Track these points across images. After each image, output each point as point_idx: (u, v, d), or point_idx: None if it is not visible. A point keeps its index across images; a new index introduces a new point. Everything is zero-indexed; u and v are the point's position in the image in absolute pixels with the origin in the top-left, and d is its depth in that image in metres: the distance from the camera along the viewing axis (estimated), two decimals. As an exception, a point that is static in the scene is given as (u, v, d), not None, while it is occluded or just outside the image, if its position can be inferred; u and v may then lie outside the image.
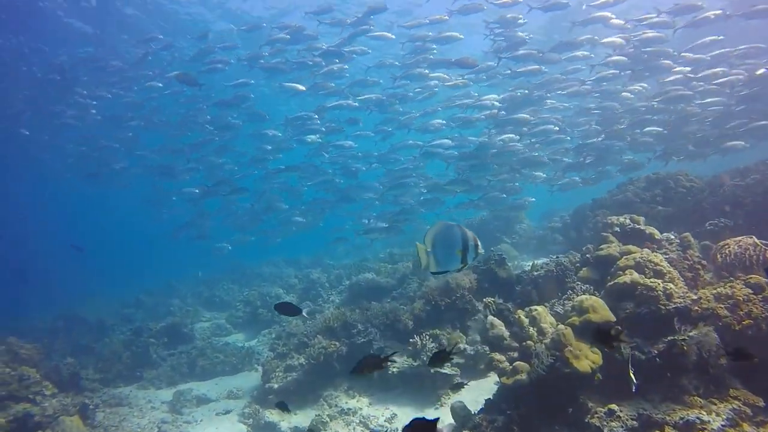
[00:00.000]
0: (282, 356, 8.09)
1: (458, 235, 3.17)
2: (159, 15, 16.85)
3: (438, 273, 3.77)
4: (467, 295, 7.16)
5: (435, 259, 3.20)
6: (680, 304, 4.22)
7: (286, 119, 13.31)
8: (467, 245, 3.15)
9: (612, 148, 11.45)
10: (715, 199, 8.05)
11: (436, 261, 3.20)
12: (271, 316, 12.59)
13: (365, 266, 15.84)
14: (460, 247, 3.15)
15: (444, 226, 3.27)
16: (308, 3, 13.49)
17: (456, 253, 3.15)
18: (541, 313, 4.65)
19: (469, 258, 3.17)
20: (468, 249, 3.14)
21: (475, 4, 11.04)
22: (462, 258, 3.15)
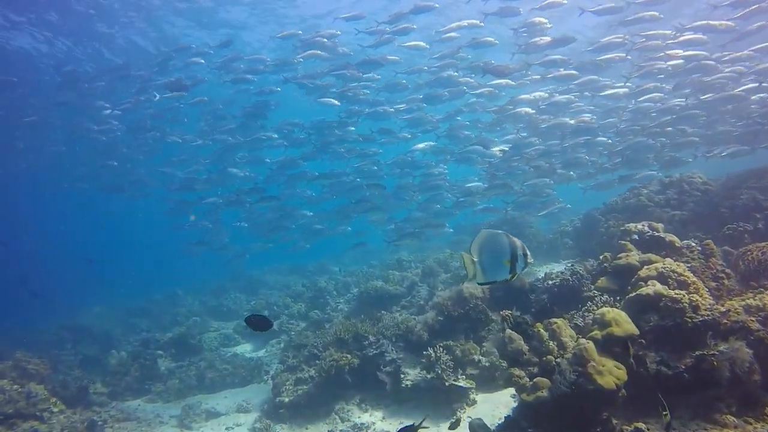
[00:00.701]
0: (292, 369, 7.96)
1: (506, 243, 3.05)
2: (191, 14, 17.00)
3: (485, 284, 3.66)
4: (480, 305, 7.03)
5: (482, 269, 3.07)
6: (708, 316, 4.07)
7: (313, 124, 13.10)
8: (516, 254, 3.02)
9: (649, 146, 11.04)
10: (733, 202, 7.88)
11: (483, 271, 3.08)
12: (279, 326, 12.50)
13: (373, 273, 15.76)
14: (509, 257, 3.02)
15: (490, 234, 3.14)
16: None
17: (504, 263, 3.03)
18: (561, 326, 4.50)
19: (518, 268, 3.04)
20: (517, 258, 3.02)
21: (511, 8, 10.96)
22: (511, 268, 3.03)
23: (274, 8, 17.62)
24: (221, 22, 17.96)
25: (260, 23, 18.49)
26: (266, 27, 18.62)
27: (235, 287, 19.11)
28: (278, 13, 17.97)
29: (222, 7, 16.94)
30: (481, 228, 3.34)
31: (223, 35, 14.76)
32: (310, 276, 19.72)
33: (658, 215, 8.44)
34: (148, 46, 18.08)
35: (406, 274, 12.33)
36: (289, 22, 18.33)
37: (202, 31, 18.19)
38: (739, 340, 3.96)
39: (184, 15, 16.98)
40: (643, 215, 8.72)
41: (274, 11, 17.85)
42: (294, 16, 18.14)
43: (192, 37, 18.36)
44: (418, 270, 12.74)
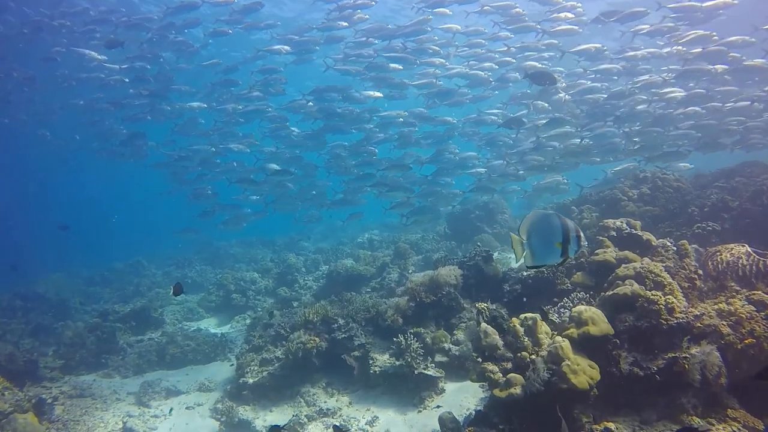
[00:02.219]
0: (258, 349, 7.75)
1: (557, 225, 2.86)
2: None
3: (534, 267, 3.50)
4: (453, 293, 6.95)
5: (531, 251, 2.91)
6: (682, 319, 4.07)
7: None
8: (568, 236, 2.84)
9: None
10: (703, 201, 8.00)
11: (533, 254, 2.91)
12: (246, 302, 12.23)
13: (343, 251, 15.58)
14: (560, 239, 2.84)
15: (541, 215, 2.96)
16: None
17: (555, 246, 2.85)
18: (537, 322, 4.43)
19: (571, 251, 2.87)
20: (569, 240, 2.84)
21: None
22: (562, 251, 2.85)
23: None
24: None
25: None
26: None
27: (200, 259, 18.62)
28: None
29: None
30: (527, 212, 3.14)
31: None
32: (279, 251, 19.40)
33: (631, 210, 8.51)
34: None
35: (377, 254, 12.20)
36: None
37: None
38: (711, 344, 3.98)
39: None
40: (617, 209, 8.80)
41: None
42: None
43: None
44: (390, 251, 12.63)
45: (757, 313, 4.13)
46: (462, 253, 12.59)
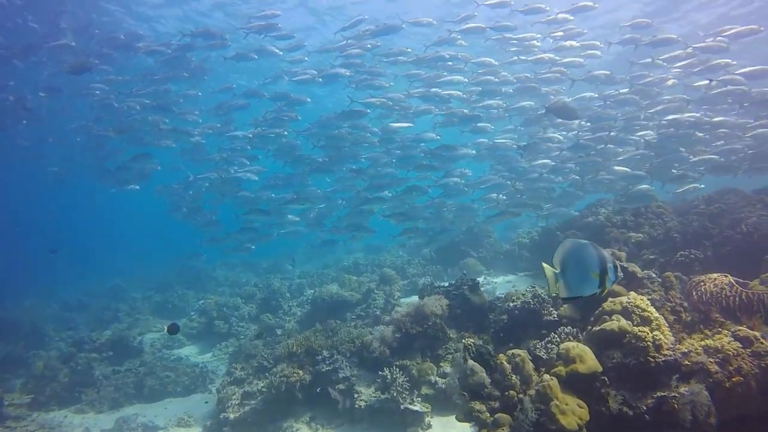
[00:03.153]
0: (239, 381, 7.53)
1: (594, 255, 2.77)
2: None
3: (569, 299, 3.37)
4: (439, 323, 6.85)
5: (566, 282, 2.81)
6: (670, 357, 4.03)
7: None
8: (605, 267, 2.74)
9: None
10: (685, 228, 8.10)
11: (568, 285, 2.81)
12: (229, 329, 11.96)
13: (328, 275, 15.41)
14: (598, 270, 2.74)
15: (577, 244, 2.87)
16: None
17: (592, 276, 2.75)
18: (524, 359, 4.36)
19: (609, 282, 2.77)
20: (607, 271, 2.74)
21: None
22: (600, 282, 2.74)
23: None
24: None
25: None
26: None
27: (181, 282, 18.24)
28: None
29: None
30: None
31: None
32: (263, 274, 19.14)
33: (615, 236, 8.58)
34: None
35: (362, 280, 12.08)
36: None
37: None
38: (699, 383, 3.94)
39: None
40: (601, 235, 8.87)
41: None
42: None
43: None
44: (375, 276, 12.51)
45: (744, 350, 4.11)
46: (448, 277, 12.58)
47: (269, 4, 16.72)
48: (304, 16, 18.66)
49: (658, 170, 10.08)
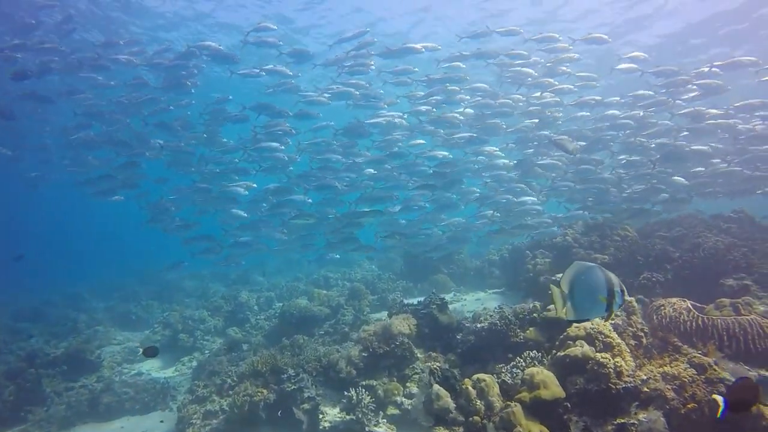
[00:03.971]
0: (201, 400, 7.29)
1: (602, 278, 2.80)
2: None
3: (576, 322, 3.33)
4: (406, 342, 6.81)
5: (573, 305, 2.83)
6: (630, 383, 4.11)
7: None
8: (612, 291, 2.77)
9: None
10: (648, 251, 8.32)
11: (575, 308, 2.83)
12: (193, 342, 11.63)
13: (297, 288, 15.21)
14: (605, 293, 2.77)
15: (584, 267, 2.88)
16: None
17: (600, 300, 2.78)
18: (490, 384, 4.37)
19: (615, 306, 2.80)
20: (614, 295, 2.77)
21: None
22: (607, 305, 2.78)
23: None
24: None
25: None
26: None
27: (147, 292, 17.68)
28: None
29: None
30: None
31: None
32: (232, 284, 18.75)
33: (582, 256, 8.74)
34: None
35: (331, 294, 11.95)
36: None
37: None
38: (657, 410, 4.02)
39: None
40: (568, 255, 9.03)
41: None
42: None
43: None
44: (345, 290, 12.41)
45: (699, 376, 4.22)
46: (418, 292, 12.58)
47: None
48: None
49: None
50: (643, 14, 18.74)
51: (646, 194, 10.70)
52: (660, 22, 19.33)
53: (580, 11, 18.71)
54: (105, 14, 16.36)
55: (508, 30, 12.18)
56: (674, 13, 18.57)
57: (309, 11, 18.90)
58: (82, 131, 13.58)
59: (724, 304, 5.90)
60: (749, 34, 19.01)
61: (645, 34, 20.04)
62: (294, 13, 19.02)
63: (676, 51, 20.69)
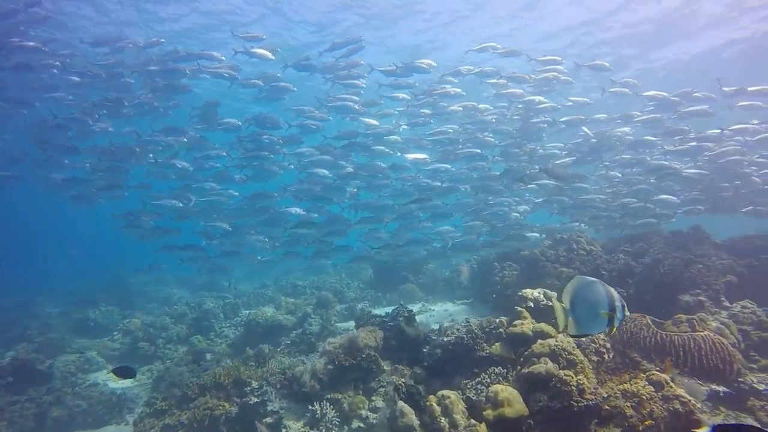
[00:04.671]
0: (160, 413, 7.02)
1: (603, 293, 2.81)
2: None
3: (578, 337, 3.30)
4: (373, 355, 6.74)
5: (575, 320, 2.83)
6: (591, 401, 4.16)
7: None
8: (614, 306, 2.77)
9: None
10: (611, 266, 8.53)
11: (577, 323, 2.83)
12: (154, 351, 11.24)
13: (265, 295, 14.96)
14: (607, 308, 2.78)
15: (585, 282, 2.88)
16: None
17: (601, 315, 2.79)
18: (454, 402, 4.35)
19: (617, 321, 2.80)
20: (615, 310, 2.77)
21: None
22: (609, 320, 2.79)
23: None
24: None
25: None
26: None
27: (107, 297, 17.00)
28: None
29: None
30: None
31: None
32: (197, 290, 18.29)
33: (549, 270, 8.89)
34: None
35: (299, 302, 11.79)
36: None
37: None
38: (616, 427, 4.08)
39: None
40: (535, 268, 9.17)
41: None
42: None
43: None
44: (313, 299, 12.26)
45: (656, 393, 4.32)
46: (387, 302, 12.55)
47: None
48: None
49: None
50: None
51: (639, 211, 11.12)
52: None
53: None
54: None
55: (510, 50, 12.60)
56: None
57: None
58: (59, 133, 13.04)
59: (681, 320, 6.09)
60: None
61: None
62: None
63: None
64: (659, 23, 18.74)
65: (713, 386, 5.44)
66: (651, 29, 19.17)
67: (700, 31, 19.08)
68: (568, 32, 19.69)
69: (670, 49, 20.57)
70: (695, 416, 4.25)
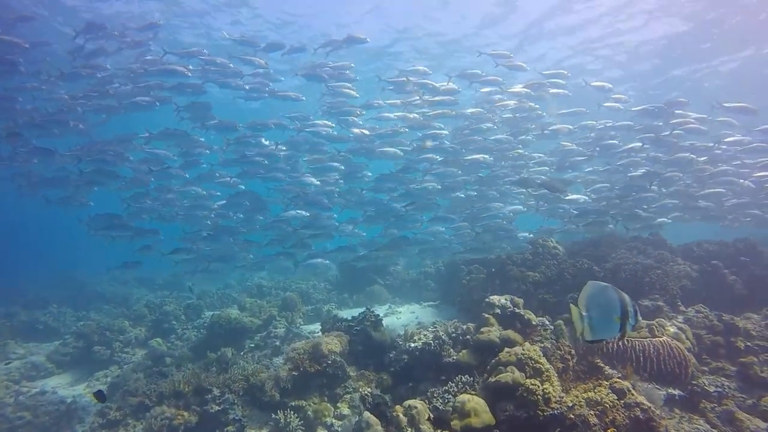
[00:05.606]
0: (113, 424, 6.69)
1: (616, 299, 2.85)
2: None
3: (593, 342, 3.27)
4: (338, 360, 6.63)
5: (590, 325, 2.84)
6: (557, 410, 4.18)
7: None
8: (626, 311, 2.81)
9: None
10: (575, 270, 8.68)
11: (592, 328, 2.85)
12: (110, 354, 10.74)
13: (229, 296, 14.59)
14: (619, 313, 2.82)
15: (599, 287, 2.92)
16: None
17: (614, 320, 2.83)
18: (421, 412, 4.30)
19: (629, 326, 2.83)
20: (628, 315, 2.81)
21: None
22: (621, 325, 2.81)
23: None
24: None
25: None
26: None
27: (60, 297, 16.18)
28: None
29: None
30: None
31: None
32: (158, 290, 17.68)
33: (515, 274, 8.97)
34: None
35: (263, 304, 11.52)
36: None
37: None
38: (581, 436, 4.12)
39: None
40: (502, 271, 9.24)
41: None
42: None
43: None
44: (278, 300, 12.01)
45: (619, 401, 4.39)
46: (353, 303, 12.45)
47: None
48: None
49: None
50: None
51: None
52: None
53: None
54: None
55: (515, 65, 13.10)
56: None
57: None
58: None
59: (642, 326, 6.24)
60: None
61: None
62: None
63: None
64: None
65: (669, 390, 5.61)
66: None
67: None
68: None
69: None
70: (654, 422, 4.35)
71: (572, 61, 21.44)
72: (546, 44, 20.39)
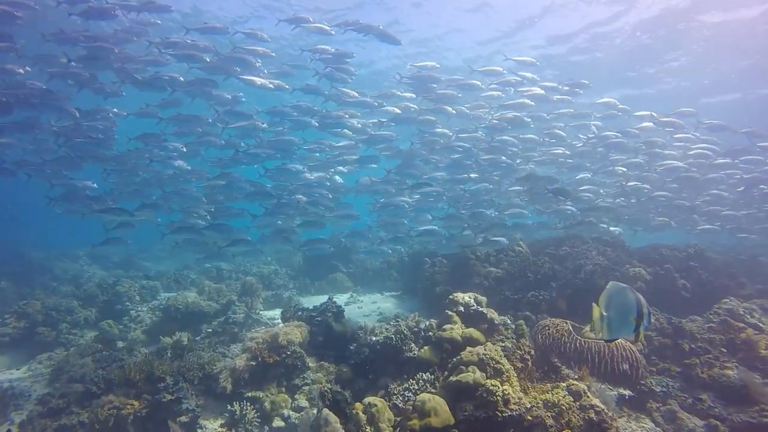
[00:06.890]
0: (56, 412, 6.34)
1: (633, 300, 2.91)
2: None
3: (610, 341, 3.56)
4: (298, 351, 6.53)
5: (608, 325, 2.93)
6: (515, 411, 4.22)
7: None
8: (642, 312, 2.88)
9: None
10: (537, 268, 8.84)
11: (609, 327, 2.94)
12: (56, 336, 10.20)
13: (187, 277, 14.15)
14: (635, 315, 2.88)
15: (619, 288, 2.98)
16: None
17: (630, 321, 2.89)
18: (381, 410, 4.26)
19: (643, 327, 2.91)
20: (643, 317, 2.87)
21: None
22: (636, 326, 2.89)
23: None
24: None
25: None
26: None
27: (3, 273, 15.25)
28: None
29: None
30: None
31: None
32: (112, 268, 16.97)
33: (477, 269, 9.06)
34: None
35: (222, 288, 11.21)
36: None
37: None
38: (536, 437, 4.18)
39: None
40: (465, 267, 9.32)
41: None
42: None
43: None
44: (238, 285, 11.72)
45: (574, 403, 4.48)
46: (315, 290, 12.33)
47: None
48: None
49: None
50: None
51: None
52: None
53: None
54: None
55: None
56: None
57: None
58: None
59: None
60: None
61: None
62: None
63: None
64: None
65: (621, 390, 5.81)
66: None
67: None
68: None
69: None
70: (606, 424, 4.48)
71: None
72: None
